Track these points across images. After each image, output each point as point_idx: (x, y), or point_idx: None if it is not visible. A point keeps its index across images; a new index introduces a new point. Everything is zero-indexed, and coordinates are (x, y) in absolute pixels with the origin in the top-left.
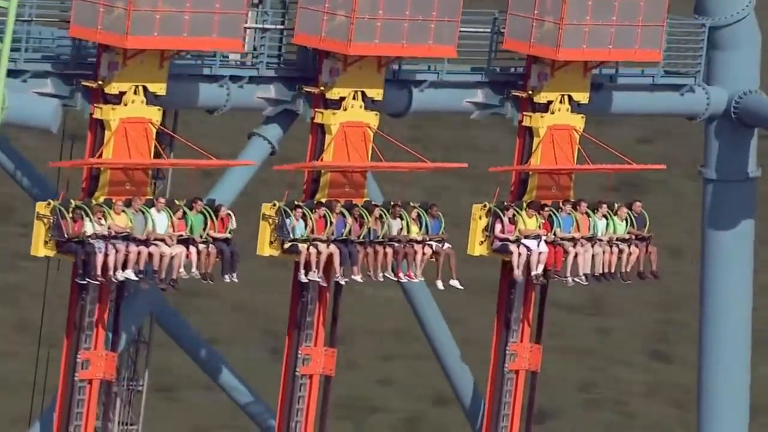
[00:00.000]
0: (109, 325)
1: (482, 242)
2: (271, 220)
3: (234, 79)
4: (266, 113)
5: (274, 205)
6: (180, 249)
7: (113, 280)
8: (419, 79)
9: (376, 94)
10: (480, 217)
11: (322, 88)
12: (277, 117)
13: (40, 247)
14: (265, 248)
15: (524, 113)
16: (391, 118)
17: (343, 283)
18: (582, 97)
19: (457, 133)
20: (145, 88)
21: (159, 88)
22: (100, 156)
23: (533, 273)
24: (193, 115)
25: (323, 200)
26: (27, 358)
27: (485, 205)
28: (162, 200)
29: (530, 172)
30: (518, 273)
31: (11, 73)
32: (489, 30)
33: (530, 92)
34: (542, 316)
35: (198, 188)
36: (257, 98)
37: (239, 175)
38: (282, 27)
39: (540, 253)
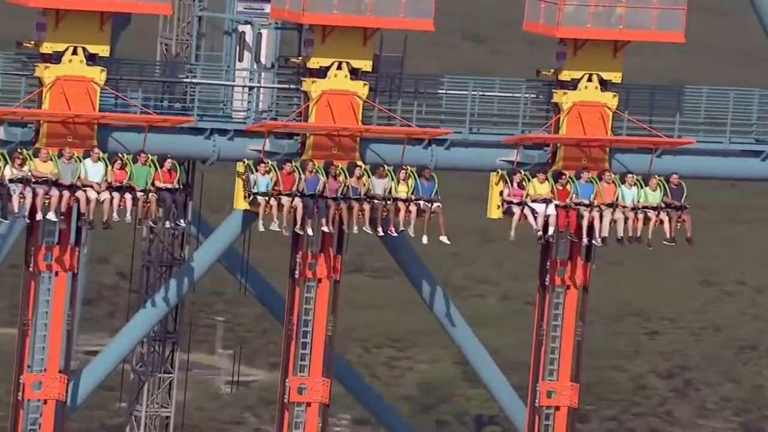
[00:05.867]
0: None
1: (499, 206)
2: (243, 177)
3: (221, 132)
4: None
5: (244, 162)
6: (109, 195)
7: (26, 219)
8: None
9: (364, 65)
10: (497, 183)
11: (300, 59)
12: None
13: None
14: (240, 203)
15: (553, 90)
16: None
17: (308, 234)
18: (613, 77)
19: None
20: (84, 49)
21: (101, 50)
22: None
23: (539, 233)
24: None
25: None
26: None
27: (498, 172)
28: (97, 150)
29: (559, 144)
30: (512, 234)
31: None
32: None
33: (552, 71)
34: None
35: None
36: (250, 150)
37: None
38: (266, 86)
39: (548, 215)
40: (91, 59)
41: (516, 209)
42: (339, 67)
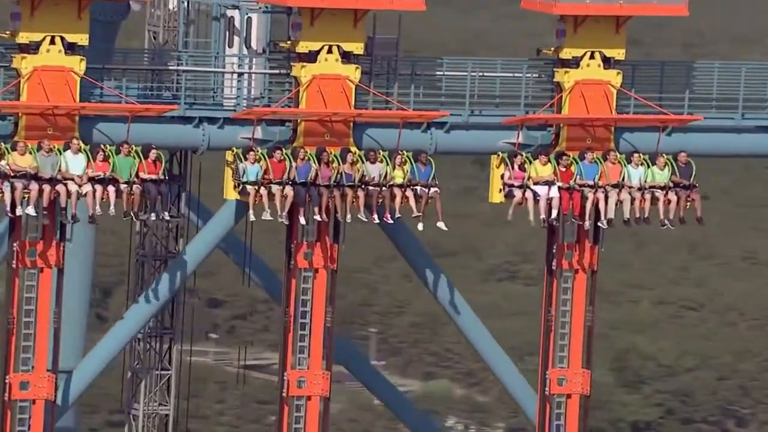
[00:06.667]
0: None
1: (501, 190)
2: (232, 166)
3: (210, 121)
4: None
5: (233, 151)
6: (91, 188)
7: (8, 214)
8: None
9: (355, 48)
10: (498, 166)
11: (288, 43)
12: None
13: None
14: (230, 192)
15: (554, 69)
16: None
17: (302, 222)
18: (616, 54)
19: None
20: (62, 38)
21: (80, 39)
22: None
23: (542, 216)
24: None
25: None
26: None
27: (498, 155)
28: (77, 142)
29: (562, 124)
30: (510, 215)
31: None
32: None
33: (553, 49)
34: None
35: None
36: (241, 138)
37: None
38: (257, 71)
39: (551, 198)
40: (70, 48)
41: (517, 192)
42: (329, 51)
